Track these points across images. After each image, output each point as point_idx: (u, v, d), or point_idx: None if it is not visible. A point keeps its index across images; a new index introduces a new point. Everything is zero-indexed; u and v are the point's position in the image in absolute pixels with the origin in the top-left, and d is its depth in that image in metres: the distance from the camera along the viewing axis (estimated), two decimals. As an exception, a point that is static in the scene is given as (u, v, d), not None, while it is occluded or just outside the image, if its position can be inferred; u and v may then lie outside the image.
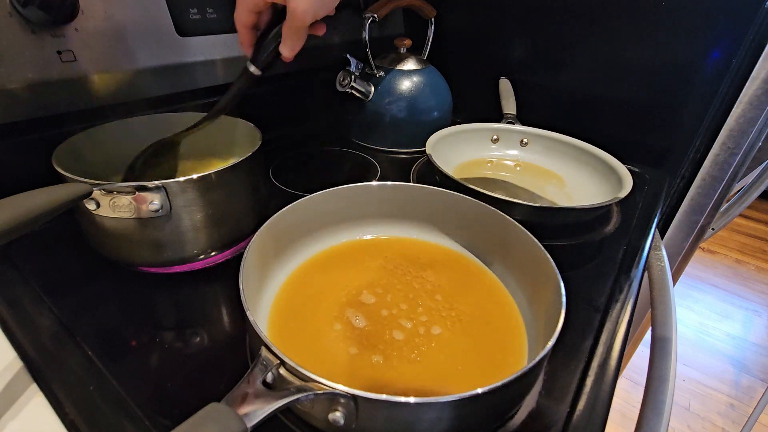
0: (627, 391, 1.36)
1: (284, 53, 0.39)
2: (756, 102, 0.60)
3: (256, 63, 0.40)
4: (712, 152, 0.65)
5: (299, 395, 0.21)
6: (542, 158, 0.66)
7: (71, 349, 0.31)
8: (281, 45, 0.38)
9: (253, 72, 0.40)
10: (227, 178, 0.37)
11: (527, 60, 0.78)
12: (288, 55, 0.39)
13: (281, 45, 0.38)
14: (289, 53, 0.39)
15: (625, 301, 0.40)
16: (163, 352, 0.32)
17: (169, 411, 0.27)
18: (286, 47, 0.38)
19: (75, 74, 0.43)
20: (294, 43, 0.38)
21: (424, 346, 0.32)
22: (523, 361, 0.31)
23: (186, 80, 0.54)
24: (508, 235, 0.37)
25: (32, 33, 0.39)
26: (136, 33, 0.47)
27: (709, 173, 0.67)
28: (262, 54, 0.39)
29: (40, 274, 0.38)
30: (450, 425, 0.23)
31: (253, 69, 0.40)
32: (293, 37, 0.37)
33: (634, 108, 0.69)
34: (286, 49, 0.38)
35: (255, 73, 0.40)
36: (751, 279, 1.89)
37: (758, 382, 1.42)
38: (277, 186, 0.55)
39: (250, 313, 0.25)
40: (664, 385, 0.36)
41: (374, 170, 0.63)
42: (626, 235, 0.51)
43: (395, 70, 0.66)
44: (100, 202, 0.33)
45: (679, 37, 0.62)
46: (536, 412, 0.29)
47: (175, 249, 0.37)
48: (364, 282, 0.38)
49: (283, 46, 0.38)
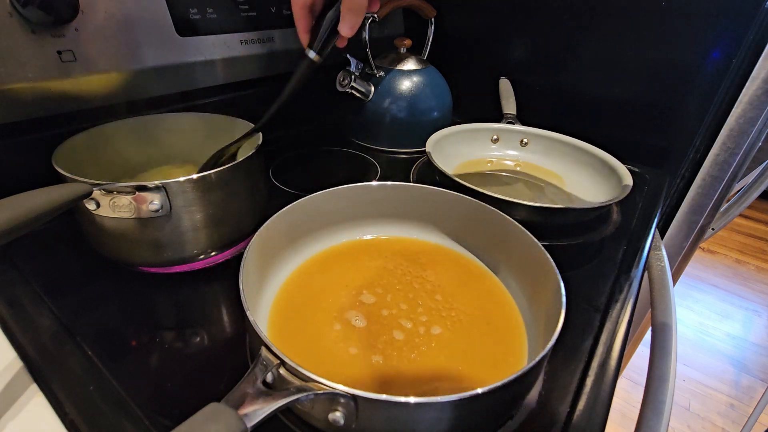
0: (627, 391, 1.36)
1: (343, 31, 0.38)
2: (756, 102, 0.60)
3: (315, 48, 0.39)
4: (712, 152, 0.65)
5: (299, 395, 0.21)
6: (542, 158, 0.66)
7: (71, 349, 0.31)
8: (340, 23, 0.37)
9: (313, 58, 0.39)
10: (227, 178, 0.37)
11: (527, 60, 0.78)
12: (348, 33, 0.38)
13: (340, 23, 0.37)
14: (348, 31, 0.38)
15: (625, 301, 0.40)
16: (163, 352, 0.32)
17: (169, 411, 0.27)
18: (345, 24, 0.37)
19: (75, 74, 0.43)
20: (354, 18, 0.37)
21: (424, 346, 0.32)
22: (523, 361, 0.31)
23: (186, 80, 0.54)
24: (508, 235, 0.37)
25: (32, 33, 0.39)
26: (136, 33, 0.47)
27: (709, 173, 0.67)
28: (320, 38, 0.39)
29: (40, 274, 0.38)
30: (450, 425, 0.23)
31: (313, 55, 0.39)
32: (353, 13, 0.37)
33: (634, 108, 0.69)
34: (346, 27, 0.37)
35: (315, 60, 0.39)
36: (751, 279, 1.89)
37: (758, 382, 1.42)
38: (277, 186, 0.55)
39: (250, 313, 0.25)
40: (664, 385, 0.36)
41: (374, 170, 0.63)
42: (626, 235, 0.51)
43: (395, 70, 0.66)
44: (100, 202, 0.33)
45: (679, 37, 0.62)
46: (536, 412, 0.29)
47: (175, 249, 0.37)
48: (364, 282, 0.38)
49: (343, 23, 0.37)
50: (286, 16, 0.62)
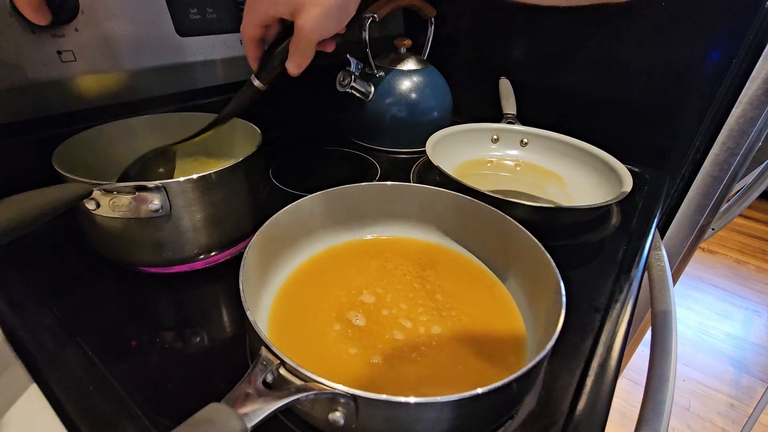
0: (627, 391, 1.36)
1: (290, 69, 0.38)
2: (756, 102, 0.60)
3: (260, 78, 0.39)
4: (712, 152, 0.65)
5: (299, 395, 0.21)
6: (542, 158, 0.66)
7: (71, 349, 0.31)
8: (288, 61, 0.38)
9: (258, 86, 0.40)
10: (227, 178, 0.37)
11: (527, 60, 0.78)
12: (294, 72, 0.38)
13: (288, 61, 0.38)
14: (295, 69, 0.38)
15: (625, 301, 0.40)
16: (163, 352, 0.32)
17: (169, 411, 0.27)
18: (292, 64, 0.38)
19: (75, 74, 0.43)
20: (301, 60, 0.37)
21: (424, 345, 0.32)
22: (523, 361, 0.31)
23: (186, 80, 0.54)
24: (508, 235, 0.37)
25: (32, 33, 0.39)
26: (136, 33, 0.47)
27: (709, 173, 0.67)
28: (267, 69, 0.39)
29: (40, 274, 0.38)
30: (450, 425, 0.23)
31: (257, 83, 0.40)
32: (300, 54, 0.37)
33: (634, 108, 0.69)
34: (293, 66, 0.38)
35: (259, 88, 0.40)
36: (751, 279, 1.89)
37: (758, 382, 1.42)
38: (277, 186, 0.55)
39: (250, 313, 0.25)
40: (664, 385, 0.36)
41: (374, 170, 0.63)
42: (626, 235, 0.51)
43: (395, 70, 0.66)
44: (100, 202, 0.33)
45: (679, 37, 0.62)
46: (536, 412, 0.29)
47: (175, 249, 0.37)
48: (364, 282, 0.38)
49: (290, 62, 0.38)
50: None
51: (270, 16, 0.36)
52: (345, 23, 0.36)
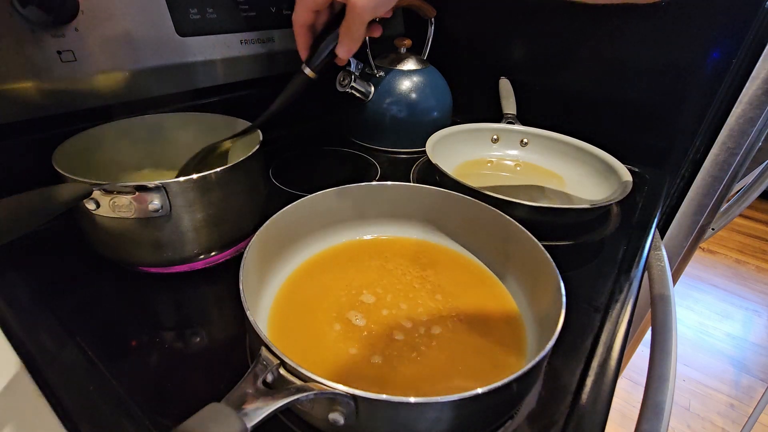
0: (627, 391, 1.36)
1: (340, 54, 0.38)
2: (756, 102, 0.60)
3: (311, 65, 0.40)
4: (712, 152, 0.65)
5: (299, 395, 0.21)
6: (542, 158, 0.66)
7: (71, 349, 0.31)
8: (338, 46, 0.38)
9: (308, 74, 0.40)
10: (227, 178, 0.37)
11: (527, 60, 0.78)
12: (344, 57, 0.39)
13: (338, 46, 0.38)
14: (345, 54, 0.38)
15: (625, 301, 0.40)
16: (163, 352, 0.32)
17: (169, 411, 0.27)
18: (343, 47, 0.38)
19: (75, 74, 0.43)
20: (351, 43, 0.38)
21: (424, 345, 0.32)
22: (523, 361, 0.31)
23: (186, 80, 0.54)
24: (508, 235, 0.37)
25: (32, 33, 0.39)
26: (136, 33, 0.47)
27: (709, 173, 0.67)
28: (318, 56, 0.39)
29: (40, 274, 0.38)
30: (450, 425, 0.23)
31: (308, 71, 0.40)
32: (351, 36, 0.37)
33: (634, 108, 0.69)
34: (343, 50, 0.38)
35: (310, 76, 0.40)
36: (751, 279, 1.89)
37: (758, 382, 1.42)
38: (277, 186, 0.55)
39: (250, 313, 0.25)
40: (664, 385, 0.36)
41: (374, 170, 0.63)
42: (626, 235, 0.51)
43: (395, 70, 0.66)
44: (100, 202, 0.33)
45: (679, 37, 0.62)
46: (536, 412, 0.29)
47: (175, 249, 0.37)
48: (364, 282, 0.38)
49: (340, 46, 0.38)
50: (286, 16, 0.62)
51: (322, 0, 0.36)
52: (393, 3, 0.36)
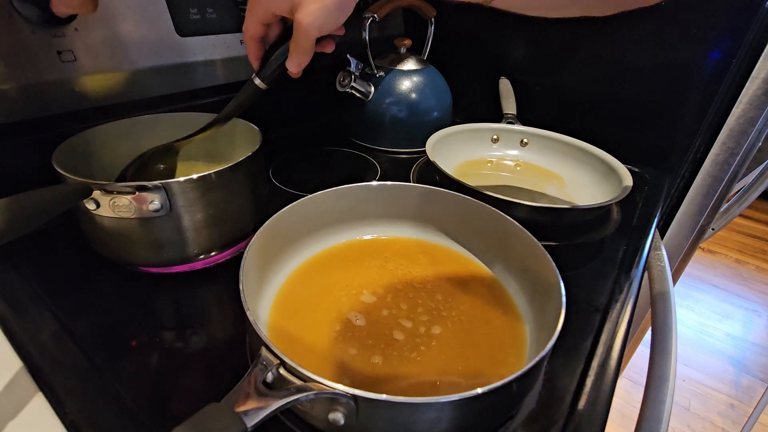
0: (627, 391, 1.36)
1: (291, 68, 0.39)
2: (756, 102, 0.60)
3: (261, 76, 0.40)
4: (712, 152, 0.65)
5: (299, 395, 0.21)
6: (542, 158, 0.66)
7: (71, 349, 0.31)
8: (288, 60, 0.38)
9: (258, 85, 0.40)
10: (227, 178, 0.37)
11: (527, 60, 0.78)
12: (294, 71, 0.39)
13: (288, 60, 0.38)
14: (295, 68, 0.39)
15: (625, 301, 0.40)
16: (163, 352, 0.32)
17: (169, 411, 0.27)
18: (292, 62, 0.38)
19: (75, 74, 0.43)
20: (300, 58, 0.38)
21: (424, 345, 0.32)
22: (523, 361, 0.31)
23: (186, 80, 0.54)
24: (508, 235, 0.37)
25: (32, 33, 0.39)
26: (136, 33, 0.47)
27: (709, 173, 0.67)
28: (268, 68, 0.40)
29: (40, 274, 0.38)
30: (450, 425, 0.23)
31: (258, 82, 0.40)
32: (300, 52, 0.37)
33: (634, 108, 0.69)
34: (293, 65, 0.38)
35: (260, 87, 0.41)
36: (751, 279, 1.89)
37: (758, 382, 1.42)
38: (277, 186, 0.55)
39: (250, 313, 0.25)
40: (664, 385, 0.36)
41: (374, 170, 0.63)
42: (626, 235, 0.51)
43: (395, 70, 0.66)
44: (100, 202, 0.33)
45: (679, 37, 0.62)
46: (536, 412, 0.29)
47: (175, 249, 0.37)
48: (364, 282, 0.38)
49: (290, 61, 0.38)
50: (286, 16, 0.62)
51: (270, 13, 0.36)
52: (343, 20, 0.37)
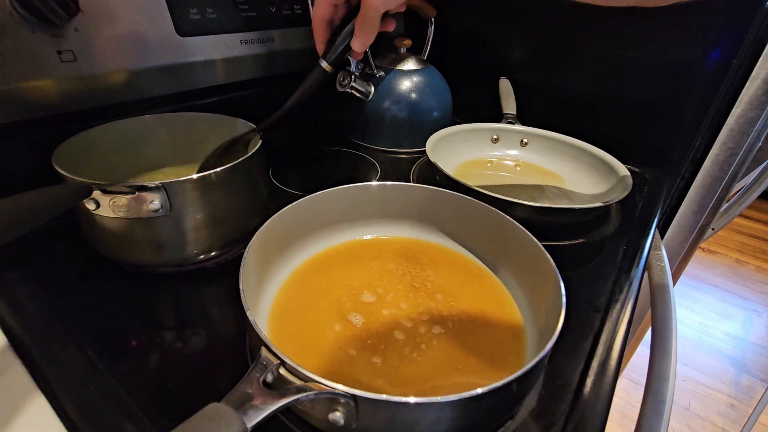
0: (627, 391, 1.36)
1: (355, 47, 0.40)
2: (756, 102, 0.60)
3: (328, 59, 0.41)
4: (712, 152, 0.65)
5: (299, 395, 0.21)
6: (542, 158, 0.66)
7: (71, 349, 0.31)
8: (353, 39, 0.39)
9: (325, 68, 0.42)
10: (227, 178, 0.37)
11: (527, 60, 0.78)
12: (359, 50, 0.40)
13: (353, 39, 0.39)
14: (360, 47, 0.40)
15: (625, 301, 0.40)
16: (163, 352, 0.32)
17: (169, 411, 0.27)
18: (357, 41, 0.39)
19: (75, 74, 0.43)
20: (366, 36, 0.39)
21: (424, 345, 0.32)
22: (523, 361, 0.31)
23: (186, 80, 0.54)
24: (508, 235, 0.37)
25: (32, 33, 0.39)
26: (136, 33, 0.47)
27: (709, 173, 0.67)
28: (334, 50, 0.41)
29: (40, 274, 0.38)
30: (450, 425, 0.23)
31: (325, 65, 0.42)
32: (366, 29, 0.38)
33: (634, 108, 0.69)
34: (358, 44, 0.40)
35: (327, 70, 0.42)
36: (751, 279, 1.89)
37: (758, 382, 1.42)
38: (277, 186, 0.55)
39: (250, 313, 0.25)
40: (664, 385, 0.36)
41: (374, 170, 0.63)
42: (626, 235, 0.51)
43: (395, 70, 0.66)
44: (100, 202, 0.33)
45: (679, 37, 0.62)
46: (536, 412, 0.29)
47: (175, 249, 0.37)
48: (364, 282, 0.38)
49: (355, 39, 0.39)
50: (285, 16, 0.62)
51: None
52: None
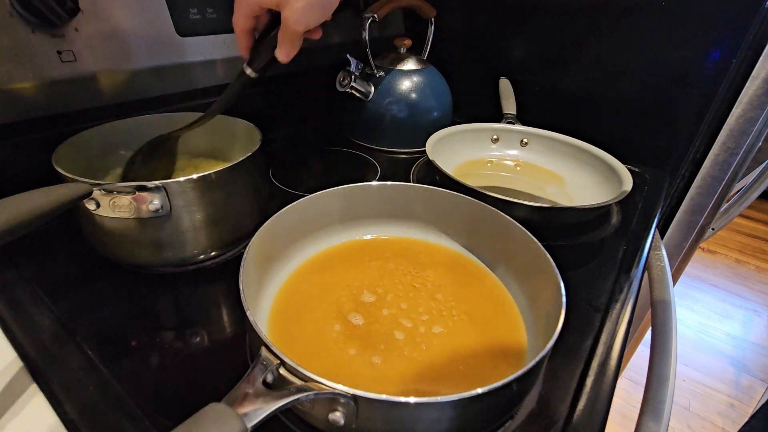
0: (627, 391, 1.36)
1: (280, 58, 0.40)
2: (756, 102, 0.60)
3: (252, 66, 0.41)
4: (712, 152, 0.65)
5: (299, 395, 0.21)
6: (542, 158, 0.66)
7: (71, 349, 0.31)
8: (277, 50, 0.39)
9: (250, 74, 0.41)
10: (227, 178, 0.37)
11: (527, 60, 0.78)
12: (283, 60, 0.40)
13: (277, 50, 0.39)
14: (284, 58, 0.40)
15: (625, 301, 0.40)
16: (163, 352, 0.32)
17: (169, 411, 0.27)
18: (281, 53, 0.39)
19: (75, 74, 0.43)
20: (289, 49, 0.39)
21: (424, 345, 0.32)
22: (523, 360, 0.31)
23: (186, 80, 0.54)
24: (508, 235, 0.37)
25: (32, 33, 0.39)
26: (136, 33, 0.47)
27: (709, 173, 0.67)
28: (258, 58, 0.41)
29: (40, 274, 0.38)
30: (450, 425, 0.23)
31: (250, 72, 0.41)
32: (288, 44, 0.39)
33: (634, 108, 0.69)
34: (282, 55, 0.39)
35: (251, 76, 0.42)
36: (751, 279, 1.89)
37: (758, 382, 1.42)
38: (277, 186, 0.55)
39: (250, 313, 0.25)
40: (664, 385, 0.36)
41: (374, 170, 0.63)
42: (626, 235, 0.51)
43: (395, 70, 0.66)
44: (100, 202, 0.33)
45: (679, 37, 0.62)
46: (536, 412, 0.29)
47: (175, 249, 0.37)
48: (365, 282, 0.38)
49: (279, 51, 0.39)
50: (286, 16, 0.62)
51: (258, 6, 0.37)
52: (330, 13, 0.38)
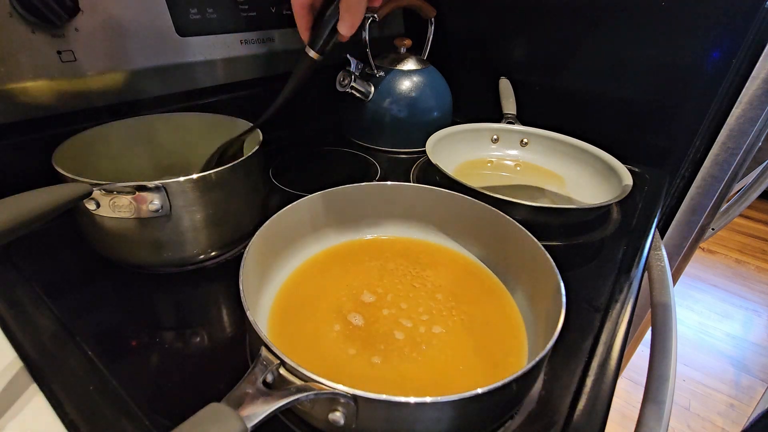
0: (627, 391, 1.36)
1: (342, 30, 0.38)
2: (756, 102, 0.60)
3: (314, 47, 0.39)
4: (712, 152, 0.65)
5: (299, 395, 0.21)
6: (542, 158, 0.66)
7: (71, 349, 0.31)
8: (339, 23, 0.37)
9: (313, 57, 0.40)
10: (227, 178, 0.37)
11: (527, 60, 0.78)
12: (347, 33, 0.38)
13: (339, 23, 0.37)
14: (347, 30, 0.38)
15: (625, 301, 0.40)
16: (163, 352, 0.32)
17: (169, 411, 0.27)
18: (344, 24, 0.37)
19: (75, 74, 0.43)
20: (352, 17, 0.37)
21: (424, 345, 0.32)
22: (523, 361, 0.31)
23: (186, 80, 0.54)
24: (508, 235, 0.37)
25: (32, 33, 0.39)
26: (136, 33, 0.47)
27: (709, 173, 0.67)
28: (319, 37, 0.39)
29: (40, 274, 0.38)
30: (450, 425, 0.23)
31: (313, 54, 0.39)
32: (351, 11, 0.36)
33: (634, 108, 0.69)
34: (345, 26, 0.37)
35: (315, 58, 0.40)
36: (751, 279, 1.89)
37: (758, 382, 1.42)
38: (277, 186, 0.55)
39: (250, 313, 0.25)
40: (664, 385, 0.36)
41: (374, 170, 0.63)
42: (626, 235, 0.51)
43: (395, 70, 0.66)
44: (100, 202, 0.33)
45: (679, 37, 0.62)
46: (536, 412, 0.29)
47: (175, 249, 0.37)
48: (364, 282, 0.38)
49: (342, 23, 0.37)
50: (286, 16, 0.62)
51: None
52: None
